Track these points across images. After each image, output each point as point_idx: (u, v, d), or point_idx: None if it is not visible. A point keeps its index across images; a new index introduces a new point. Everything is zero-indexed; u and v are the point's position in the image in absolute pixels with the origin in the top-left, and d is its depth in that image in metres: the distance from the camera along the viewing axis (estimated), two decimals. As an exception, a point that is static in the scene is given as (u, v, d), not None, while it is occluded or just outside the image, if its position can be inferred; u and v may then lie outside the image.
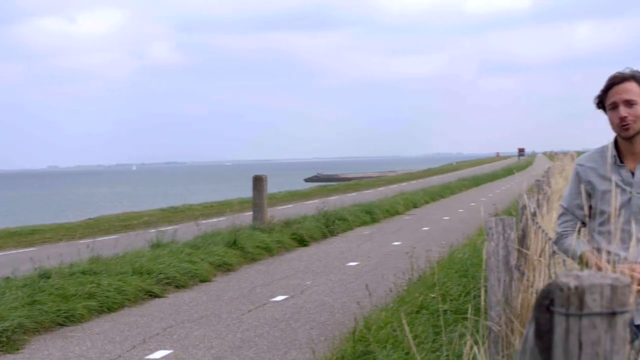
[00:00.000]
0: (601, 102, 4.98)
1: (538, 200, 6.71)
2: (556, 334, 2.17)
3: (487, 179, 63.93)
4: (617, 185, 4.88)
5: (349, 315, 11.20)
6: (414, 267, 12.91)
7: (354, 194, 44.18)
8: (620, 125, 4.84)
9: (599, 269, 4.68)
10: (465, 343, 6.80)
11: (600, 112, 5.05)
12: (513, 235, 5.67)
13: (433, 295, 10.10)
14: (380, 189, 50.11)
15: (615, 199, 4.85)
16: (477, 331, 7.47)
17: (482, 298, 8.89)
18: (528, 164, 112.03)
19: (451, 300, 10.05)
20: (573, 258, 5.00)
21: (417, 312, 9.68)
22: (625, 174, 4.92)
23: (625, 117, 4.81)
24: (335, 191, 49.16)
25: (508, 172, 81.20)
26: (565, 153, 79.52)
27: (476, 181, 58.56)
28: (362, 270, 15.89)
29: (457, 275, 11.75)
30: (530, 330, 2.35)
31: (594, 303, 2.12)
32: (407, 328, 4.51)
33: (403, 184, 56.51)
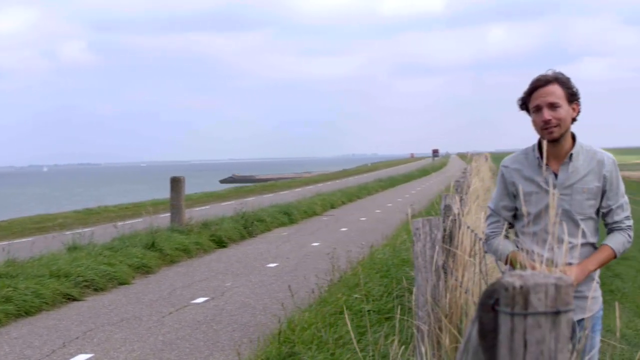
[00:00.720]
0: (524, 104, 5.04)
1: (461, 200, 6.78)
2: (501, 333, 2.19)
3: (402, 180, 64.49)
4: (542, 187, 4.95)
5: (271, 317, 11.19)
6: (335, 267, 12.96)
7: (270, 195, 44.14)
8: (544, 128, 4.90)
9: (532, 268, 4.75)
10: (391, 343, 6.87)
11: (522, 114, 5.11)
12: (440, 235, 5.72)
13: (356, 296, 10.15)
14: (297, 190, 50.18)
15: (540, 201, 4.94)
16: (402, 331, 7.56)
17: (408, 298, 8.97)
18: (442, 164, 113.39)
19: (373, 300, 10.09)
20: (500, 258, 5.05)
21: (340, 312, 9.70)
22: (549, 175, 4.99)
23: (550, 120, 4.86)
24: (252, 192, 49.05)
25: (423, 172, 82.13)
26: (479, 154, 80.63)
27: (392, 182, 59.04)
28: (282, 271, 15.88)
29: (379, 276, 11.82)
30: (473, 330, 2.36)
31: (538, 302, 2.14)
32: (349, 325, 4.50)
33: (319, 184, 56.62)
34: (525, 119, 5.11)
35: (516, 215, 5.17)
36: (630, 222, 5.11)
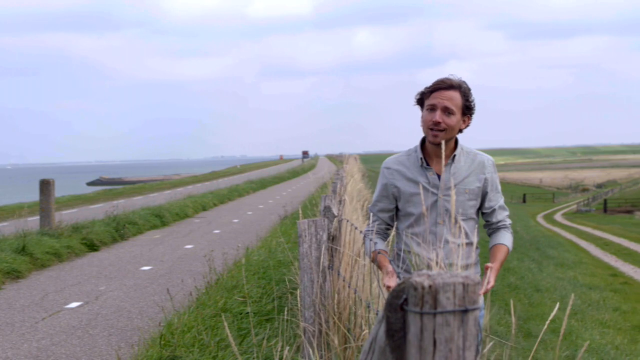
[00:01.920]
0: (422, 99, 5.07)
1: (340, 201, 6.83)
2: (410, 332, 2.21)
3: (273, 182, 64.68)
4: (425, 188, 5.02)
5: (148, 320, 11.06)
6: (212, 269, 12.88)
7: (140, 197, 43.67)
8: (431, 129, 4.97)
9: (382, 268, 4.81)
10: (275, 344, 6.87)
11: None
12: (325, 236, 5.75)
13: (237, 298, 10.11)
14: (167, 192, 49.71)
15: (423, 202, 5.01)
16: (284, 332, 7.57)
17: (289, 299, 8.97)
18: (312, 166, 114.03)
19: (253, 302, 10.08)
20: (368, 255, 5.10)
21: (220, 315, 9.64)
22: (432, 176, 5.06)
23: (439, 122, 4.92)
24: (121, 195, 48.38)
25: (293, 174, 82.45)
26: (349, 155, 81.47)
27: (263, 184, 59.16)
28: (157, 274, 15.70)
29: (256, 278, 11.81)
30: (380, 330, 2.38)
31: (447, 301, 2.17)
32: (227, 331, 4.47)
33: (189, 187, 56.28)
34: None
35: (398, 216, 5.22)
36: (510, 221, 5.25)
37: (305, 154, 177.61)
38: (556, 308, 3.39)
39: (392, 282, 4.65)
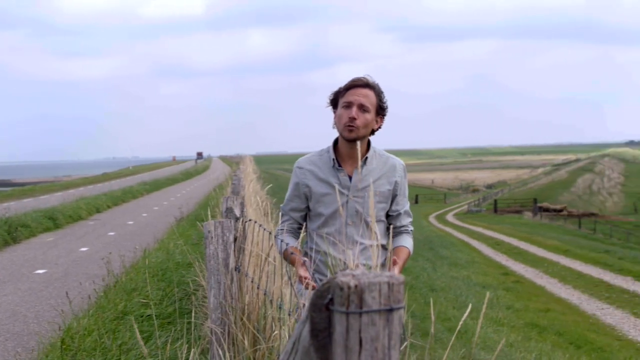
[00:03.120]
0: (336, 99, 5.10)
1: (242, 202, 6.80)
2: (336, 332, 2.22)
3: (167, 183, 64.20)
4: (336, 189, 5.06)
5: (45, 325, 10.86)
6: (110, 272, 12.72)
7: (30, 199, 42.81)
8: (347, 125, 4.99)
9: (294, 262, 4.84)
10: (180, 346, 6.83)
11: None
12: (232, 237, 5.74)
13: (138, 300, 10.01)
14: (58, 194, 48.79)
15: (334, 203, 5.04)
16: (186, 334, 7.53)
17: (191, 301, 8.92)
18: (206, 167, 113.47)
19: (154, 304, 9.98)
20: (281, 254, 5.12)
21: (121, 318, 9.53)
22: (343, 177, 5.09)
23: (355, 118, 4.96)
24: (10, 197, 47.28)
25: (187, 175, 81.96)
26: (243, 156, 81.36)
27: (157, 185, 58.67)
28: (52, 278, 15.43)
29: (156, 280, 11.71)
30: (304, 330, 2.40)
31: (373, 300, 2.19)
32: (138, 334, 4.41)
33: (81, 188, 55.45)
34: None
35: (310, 216, 5.24)
36: (412, 228, 5.33)
37: (199, 155, 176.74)
38: (468, 310, 3.46)
39: (307, 272, 4.67)
